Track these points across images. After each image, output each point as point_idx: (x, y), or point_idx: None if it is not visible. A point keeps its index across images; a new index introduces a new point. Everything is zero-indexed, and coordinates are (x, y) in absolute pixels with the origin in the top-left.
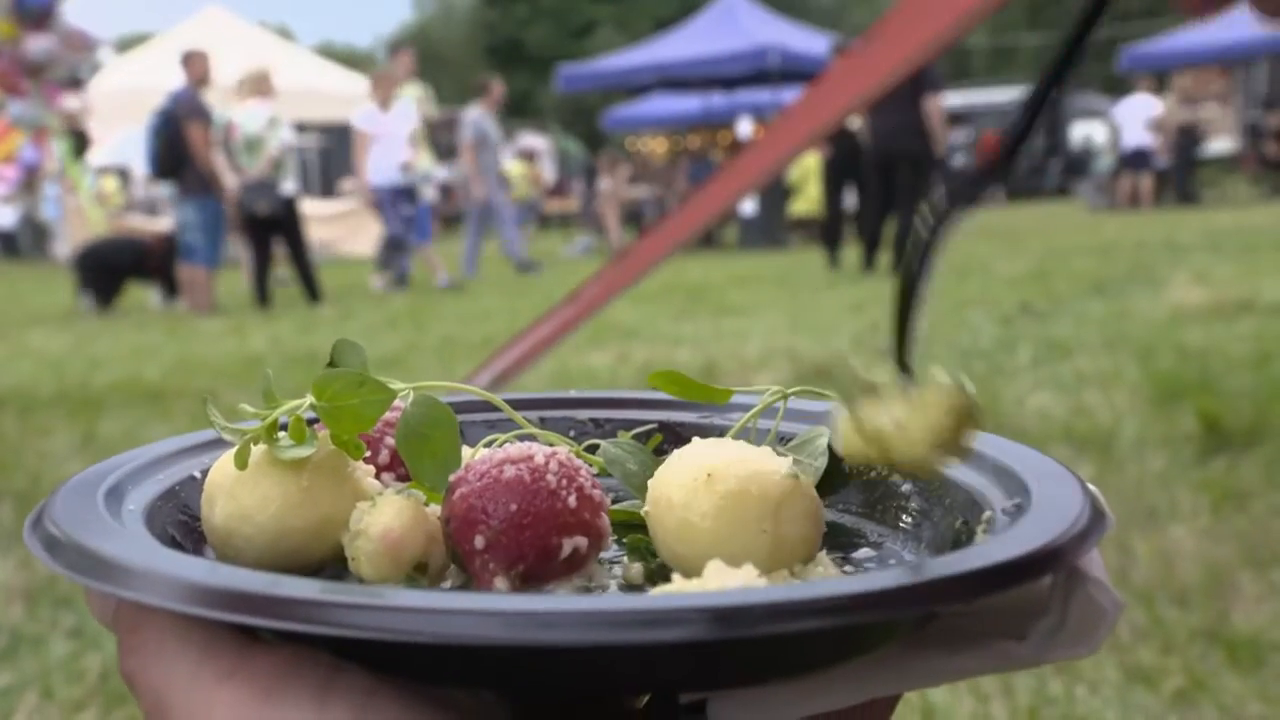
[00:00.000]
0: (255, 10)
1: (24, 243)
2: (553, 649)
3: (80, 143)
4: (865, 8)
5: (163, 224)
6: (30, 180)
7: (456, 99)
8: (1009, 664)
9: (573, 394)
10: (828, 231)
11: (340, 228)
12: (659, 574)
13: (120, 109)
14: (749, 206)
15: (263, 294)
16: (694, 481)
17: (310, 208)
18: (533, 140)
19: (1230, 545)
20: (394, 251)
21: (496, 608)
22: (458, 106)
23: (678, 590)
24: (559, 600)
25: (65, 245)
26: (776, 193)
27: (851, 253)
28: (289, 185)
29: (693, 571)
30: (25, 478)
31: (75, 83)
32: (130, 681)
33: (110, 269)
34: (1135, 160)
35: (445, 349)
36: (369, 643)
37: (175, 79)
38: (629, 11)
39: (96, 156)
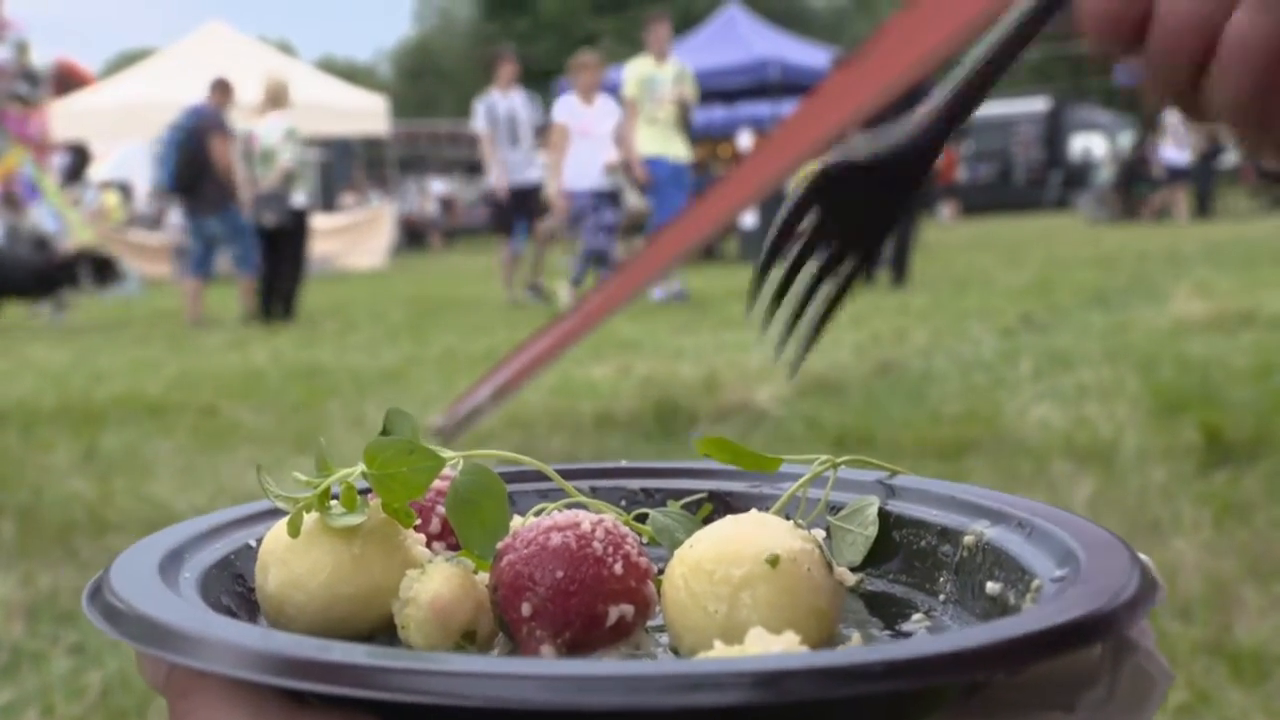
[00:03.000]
0: (256, 25)
1: None
2: (594, 713)
3: (80, 160)
4: (865, 20)
5: (159, 239)
6: (10, 196)
7: (457, 113)
8: None
9: (624, 464)
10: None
11: (341, 241)
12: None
13: (121, 124)
14: (749, 219)
15: (267, 308)
16: (678, 554)
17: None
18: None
19: (1233, 558)
20: (592, 265)
21: (539, 672)
22: (459, 119)
23: (720, 656)
24: (600, 665)
25: None
26: (777, 205)
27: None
28: (300, 198)
29: (676, 645)
30: (27, 492)
31: (25, 101)
32: None
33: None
34: (1172, 174)
35: (446, 362)
36: (414, 707)
37: (176, 93)
38: (630, 25)
39: (98, 171)
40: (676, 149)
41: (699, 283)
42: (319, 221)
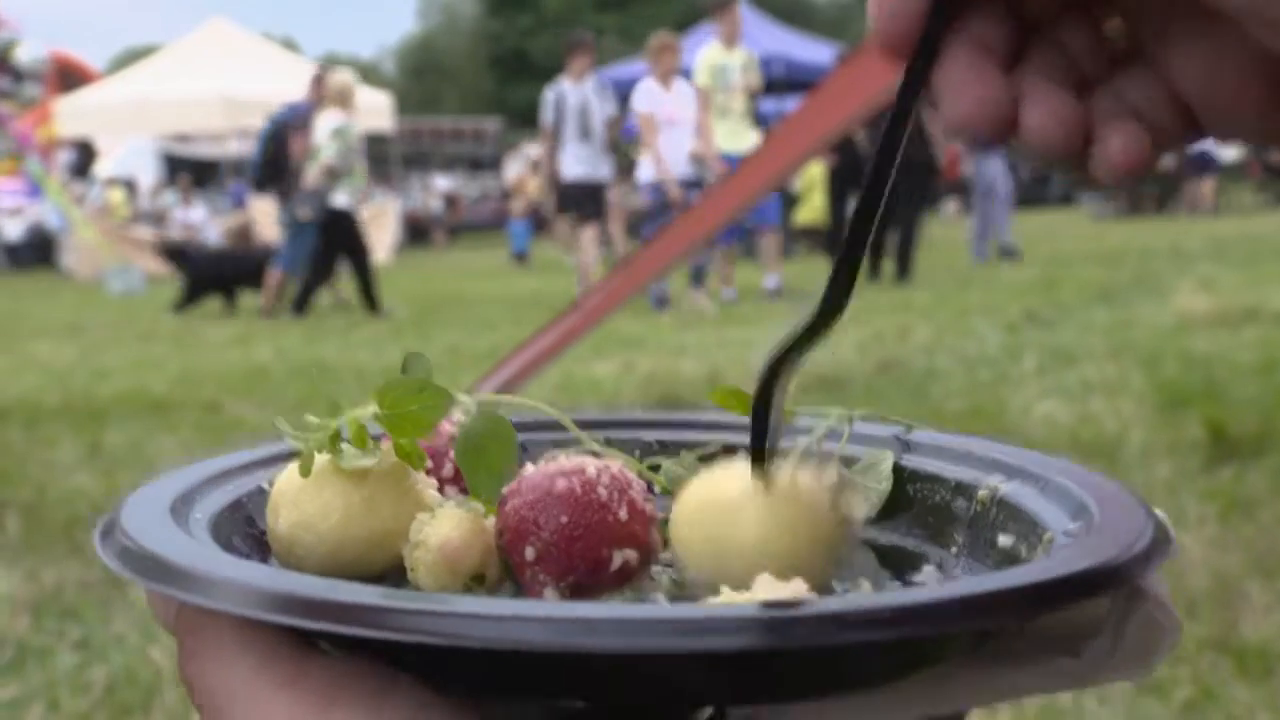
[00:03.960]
0: (260, 21)
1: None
2: (596, 655)
3: (85, 156)
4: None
5: (166, 235)
6: None
7: (460, 109)
8: (1063, 682)
9: (639, 415)
10: (832, 240)
11: None
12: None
13: (126, 121)
14: None
15: (375, 301)
16: (684, 490)
17: None
18: (537, 150)
19: (1238, 554)
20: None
21: (542, 613)
22: (462, 116)
23: (726, 601)
24: (604, 607)
25: (72, 256)
26: (781, 201)
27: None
28: (341, 197)
29: (682, 577)
30: (31, 489)
31: (13, 100)
32: (189, 685)
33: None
34: (1198, 164)
35: (450, 358)
36: (422, 651)
37: (181, 90)
38: (634, 21)
39: (103, 168)
40: (749, 144)
41: None
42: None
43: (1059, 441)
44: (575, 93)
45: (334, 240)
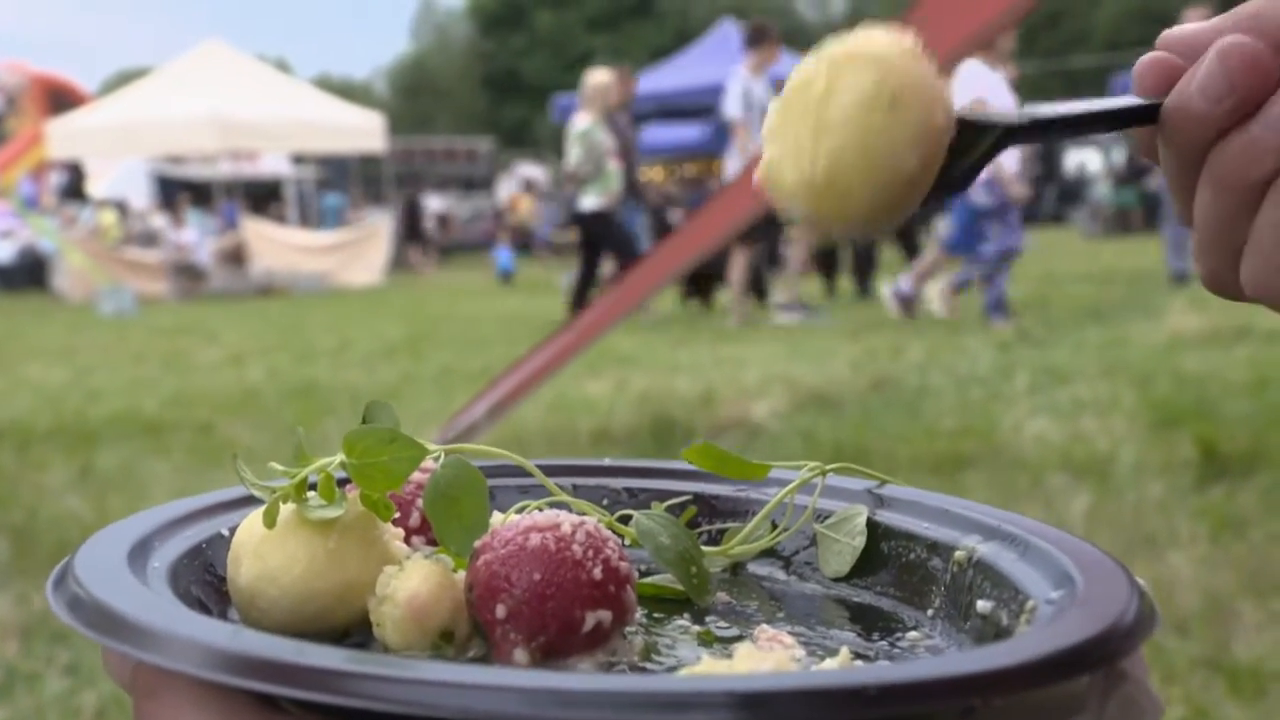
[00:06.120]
0: (253, 43)
1: None
2: None
3: (75, 179)
4: None
5: (155, 256)
6: None
7: (454, 129)
8: None
9: (607, 462)
10: (823, 259)
11: (336, 258)
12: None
13: (119, 142)
14: None
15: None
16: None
17: (306, 238)
18: (530, 170)
19: (1229, 573)
20: (1000, 264)
21: (519, 684)
22: (454, 136)
23: (706, 673)
24: (582, 679)
25: (64, 278)
26: (771, 221)
27: (847, 280)
28: (588, 200)
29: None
30: (22, 512)
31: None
32: None
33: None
34: None
35: (443, 379)
36: (390, 715)
37: (174, 112)
38: (625, 41)
39: (95, 189)
40: None
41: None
42: (316, 239)
43: (1051, 461)
44: (758, 88)
45: (590, 243)
